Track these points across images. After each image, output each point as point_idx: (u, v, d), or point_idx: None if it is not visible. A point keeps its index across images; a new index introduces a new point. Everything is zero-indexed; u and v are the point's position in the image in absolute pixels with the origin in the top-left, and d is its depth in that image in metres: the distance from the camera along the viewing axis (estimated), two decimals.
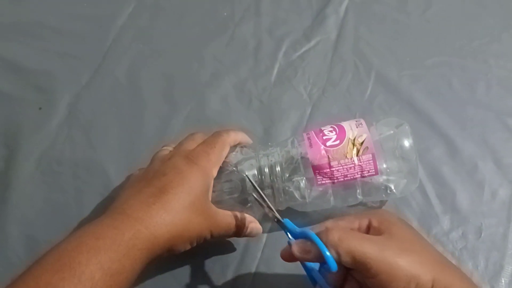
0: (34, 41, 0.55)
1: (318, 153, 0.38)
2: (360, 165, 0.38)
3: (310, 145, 0.38)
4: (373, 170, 0.38)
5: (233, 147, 0.40)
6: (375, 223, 0.33)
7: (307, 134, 0.40)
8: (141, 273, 0.33)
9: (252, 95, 0.51)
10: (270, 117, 0.49)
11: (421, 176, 0.45)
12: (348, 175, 0.38)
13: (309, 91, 0.51)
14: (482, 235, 0.42)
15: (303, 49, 0.53)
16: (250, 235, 0.39)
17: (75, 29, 0.56)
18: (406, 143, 0.38)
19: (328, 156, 0.38)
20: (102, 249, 0.30)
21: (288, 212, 0.40)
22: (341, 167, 0.38)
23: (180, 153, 0.37)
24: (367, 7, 0.56)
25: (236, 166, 0.39)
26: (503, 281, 0.40)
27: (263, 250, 0.42)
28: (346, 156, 0.38)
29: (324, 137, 0.39)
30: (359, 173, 0.38)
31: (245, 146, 0.41)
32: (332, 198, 0.39)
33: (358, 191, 0.39)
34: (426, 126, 0.48)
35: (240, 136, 0.41)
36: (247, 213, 0.39)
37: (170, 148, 0.39)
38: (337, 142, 0.38)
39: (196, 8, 0.57)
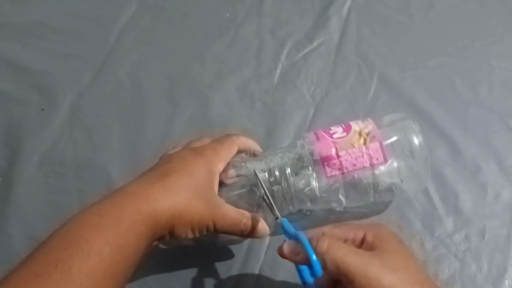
0: (36, 42, 0.55)
1: (325, 145, 0.38)
2: (369, 153, 0.38)
3: (317, 139, 0.39)
4: (382, 158, 0.38)
5: (243, 151, 0.40)
6: (369, 237, 0.34)
7: (314, 131, 0.40)
8: (147, 254, 0.33)
9: (255, 96, 0.51)
10: (273, 118, 0.49)
11: None
12: (357, 164, 0.38)
13: (312, 92, 0.51)
14: (486, 237, 0.42)
15: (306, 50, 0.53)
16: (257, 236, 0.39)
17: (78, 30, 0.56)
18: (416, 140, 0.38)
19: (335, 147, 0.38)
20: (106, 225, 0.31)
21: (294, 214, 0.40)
22: (349, 156, 0.38)
23: (187, 148, 0.38)
24: (370, 8, 0.56)
25: (245, 166, 0.39)
26: (506, 283, 0.40)
27: (267, 252, 0.42)
28: (353, 146, 0.38)
29: (331, 131, 0.39)
30: (367, 161, 0.38)
31: (255, 152, 0.41)
32: (343, 197, 0.39)
33: (369, 190, 0.39)
34: (428, 127, 0.48)
35: (250, 142, 0.41)
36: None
37: (178, 149, 0.40)
38: (344, 134, 0.39)
39: (198, 9, 0.57)
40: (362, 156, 0.38)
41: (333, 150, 0.38)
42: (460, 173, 0.45)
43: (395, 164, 0.38)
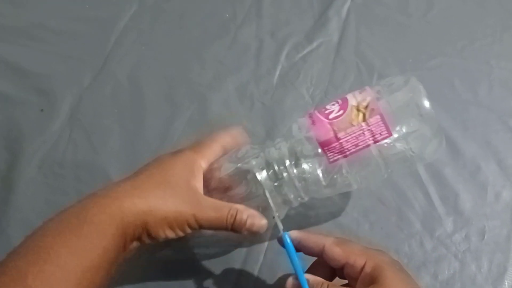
0: (35, 43, 0.55)
1: (322, 128, 0.35)
2: (370, 129, 0.34)
3: (313, 123, 0.36)
4: (386, 132, 0.34)
5: (237, 147, 0.39)
6: (368, 268, 0.32)
7: (309, 114, 0.37)
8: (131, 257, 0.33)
9: (254, 97, 0.51)
10: (272, 119, 0.49)
11: (424, 177, 0.45)
12: (359, 144, 0.34)
13: (311, 93, 0.51)
14: (486, 237, 0.42)
15: (305, 51, 0.53)
16: (250, 230, 0.35)
17: (77, 31, 0.56)
18: (425, 101, 0.35)
19: (333, 129, 0.35)
20: (67, 229, 0.30)
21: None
22: (350, 137, 0.34)
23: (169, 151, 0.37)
24: (369, 9, 0.56)
25: (240, 162, 0.37)
26: (506, 283, 0.40)
27: (266, 253, 0.42)
28: (352, 124, 0.34)
29: (326, 111, 0.36)
30: (371, 138, 0.34)
31: (252, 146, 0.39)
32: (353, 180, 0.36)
33: (380, 167, 0.35)
34: None
35: (237, 139, 0.39)
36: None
37: None
38: (341, 112, 0.35)
39: (197, 10, 0.57)
40: (363, 133, 0.34)
41: (331, 133, 0.35)
42: (460, 173, 0.45)
43: (404, 131, 0.34)
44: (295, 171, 0.36)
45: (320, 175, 0.36)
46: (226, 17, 0.56)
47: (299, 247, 0.34)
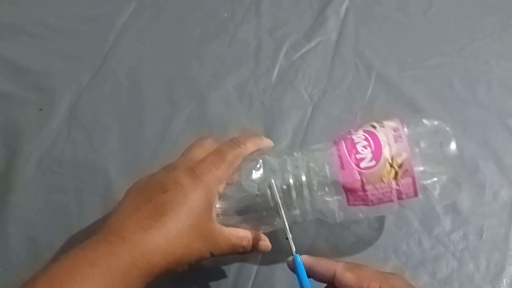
0: (34, 42, 0.55)
1: (350, 176, 0.34)
2: (398, 189, 0.34)
3: (342, 166, 0.34)
4: (413, 193, 0.34)
5: (252, 155, 0.37)
6: None
7: (337, 149, 0.35)
8: None
9: (253, 96, 0.51)
10: (271, 117, 0.49)
11: None
12: (384, 199, 0.34)
13: (310, 91, 0.51)
14: (484, 236, 0.42)
15: (304, 50, 0.53)
16: (258, 252, 0.37)
17: (76, 29, 0.56)
18: (448, 144, 0.34)
19: (362, 179, 0.34)
20: (98, 275, 0.29)
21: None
22: (377, 191, 0.34)
23: (185, 164, 0.35)
24: (368, 8, 0.56)
25: (252, 179, 0.35)
26: (504, 282, 0.40)
27: (265, 253, 0.42)
28: (382, 180, 0.34)
29: (358, 156, 0.34)
30: (396, 196, 0.34)
31: (266, 154, 0.37)
32: (363, 216, 0.36)
33: (395, 205, 0.35)
34: None
35: (258, 144, 0.38)
36: (256, 225, 0.37)
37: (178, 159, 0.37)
38: (373, 163, 0.34)
39: (196, 9, 0.57)
40: (391, 192, 0.34)
41: (359, 183, 0.34)
42: None
43: (422, 168, 0.34)
44: (311, 198, 0.35)
45: (336, 210, 0.35)
46: (225, 16, 0.56)
47: (309, 273, 0.33)
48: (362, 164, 0.34)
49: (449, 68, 0.51)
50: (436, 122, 0.36)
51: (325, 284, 0.34)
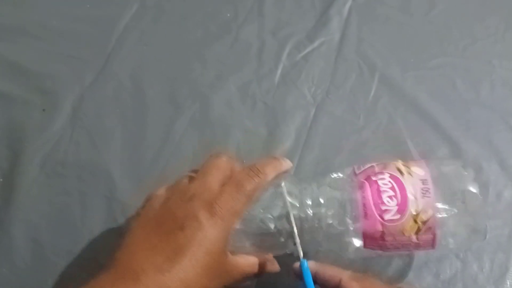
0: (37, 43, 0.55)
1: (372, 227, 0.33)
2: (418, 243, 0.33)
3: (365, 216, 0.33)
4: (431, 246, 0.34)
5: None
6: None
7: (362, 196, 0.34)
8: None
9: (256, 97, 0.51)
10: (274, 118, 0.49)
11: None
12: (400, 249, 0.34)
13: (313, 92, 0.51)
14: (487, 236, 0.41)
15: (307, 50, 0.53)
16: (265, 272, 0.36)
17: (78, 31, 0.56)
18: (472, 191, 0.34)
19: (383, 230, 0.33)
20: None
21: None
22: (396, 242, 0.33)
23: (203, 195, 0.32)
24: (371, 8, 0.56)
25: (270, 215, 0.34)
26: (508, 283, 0.40)
27: None
28: (403, 233, 0.33)
29: (383, 207, 0.33)
30: (413, 248, 0.34)
31: (285, 180, 0.35)
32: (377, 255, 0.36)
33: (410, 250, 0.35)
34: (430, 127, 0.48)
35: (278, 169, 0.36)
36: (268, 250, 0.35)
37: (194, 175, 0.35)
38: (397, 216, 0.33)
39: (198, 10, 0.57)
40: (410, 244, 0.33)
41: (379, 233, 0.33)
42: None
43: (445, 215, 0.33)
44: (326, 234, 0.34)
45: (351, 248, 0.34)
46: (228, 17, 0.56)
47: (314, 279, 0.33)
48: (386, 217, 0.33)
49: (452, 68, 0.51)
50: (460, 168, 0.35)
51: None
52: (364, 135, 0.48)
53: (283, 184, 0.34)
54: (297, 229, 0.33)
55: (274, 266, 0.36)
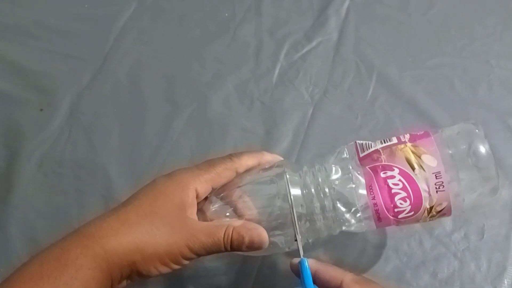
0: (35, 42, 0.55)
1: (386, 224, 0.34)
2: (430, 222, 0.35)
3: (379, 219, 0.33)
4: (446, 216, 0.34)
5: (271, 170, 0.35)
6: None
7: (374, 203, 0.33)
8: None
9: (253, 96, 0.51)
10: (272, 118, 0.49)
11: None
12: (411, 226, 0.35)
13: (311, 92, 0.51)
14: (485, 236, 0.42)
15: (305, 50, 0.53)
16: (252, 246, 0.32)
17: (76, 30, 0.56)
18: (481, 149, 0.33)
19: (397, 223, 0.34)
20: (46, 274, 0.27)
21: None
22: (407, 225, 0.35)
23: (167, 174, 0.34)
24: (369, 8, 0.56)
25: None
26: (505, 282, 0.40)
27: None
28: (418, 221, 0.34)
29: (396, 210, 0.33)
30: (427, 207, 0.34)
31: (287, 168, 0.35)
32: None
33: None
34: (427, 126, 0.47)
35: (257, 159, 0.35)
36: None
37: None
38: (411, 213, 0.33)
39: (196, 9, 0.57)
40: (424, 222, 0.34)
41: (392, 224, 0.34)
42: None
43: (456, 187, 0.32)
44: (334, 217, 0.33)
45: (361, 227, 0.34)
46: (226, 16, 0.56)
47: (314, 279, 0.32)
48: (401, 216, 0.33)
49: (449, 68, 0.51)
50: (465, 127, 0.35)
51: None
52: (362, 135, 0.48)
53: (286, 173, 0.33)
54: (298, 220, 0.32)
55: (259, 232, 0.32)
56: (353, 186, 0.33)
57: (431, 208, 0.33)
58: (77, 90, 0.51)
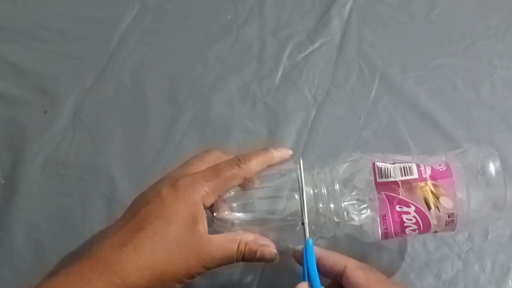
0: (38, 44, 0.55)
1: (391, 238, 0.34)
2: (438, 231, 0.35)
3: (385, 235, 0.34)
4: (451, 231, 0.35)
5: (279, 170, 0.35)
6: None
7: (384, 228, 0.33)
8: None
9: (256, 97, 0.51)
10: (274, 119, 0.49)
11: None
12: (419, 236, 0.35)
13: (314, 93, 0.51)
14: (489, 237, 0.42)
15: (308, 51, 0.53)
16: (263, 260, 0.33)
17: (80, 32, 0.56)
18: (491, 167, 0.33)
19: (402, 236, 0.34)
20: None
21: None
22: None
23: (174, 176, 0.33)
24: (371, 9, 0.56)
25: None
26: (510, 283, 0.40)
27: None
28: (423, 234, 0.35)
29: (404, 224, 0.33)
30: (432, 232, 0.35)
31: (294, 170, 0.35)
32: None
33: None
34: (430, 127, 0.48)
35: (266, 161, 0.35)
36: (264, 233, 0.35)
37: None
38: (418, 231, 0.34)
39: (199, 10, 0.57)
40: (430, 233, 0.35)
41: (399, 236, 0.34)
42: None
43: (464, 199, 0.33)
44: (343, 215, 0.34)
45: (364, 234, 0.34)
46: (228, 18, 0.57)
47: (317, 266, 0.32)
48: (408, 230, 0.34)
49: (452, 68, 0.51)
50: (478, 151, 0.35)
51: (329, 281, 0.33)
52: (365, 136, 0.48)
53: (300, 161, 0.34)
54: (309, 214, 0.32)
55: (270, 250, 0.34)
56: (369, 213, 0.33)
57: (437, 232, 0.35)
58: (80, 92, 0.52)
